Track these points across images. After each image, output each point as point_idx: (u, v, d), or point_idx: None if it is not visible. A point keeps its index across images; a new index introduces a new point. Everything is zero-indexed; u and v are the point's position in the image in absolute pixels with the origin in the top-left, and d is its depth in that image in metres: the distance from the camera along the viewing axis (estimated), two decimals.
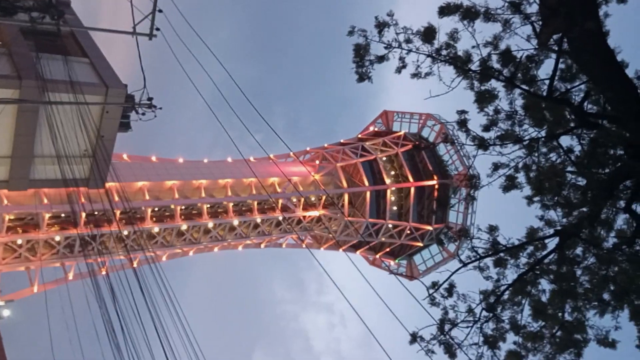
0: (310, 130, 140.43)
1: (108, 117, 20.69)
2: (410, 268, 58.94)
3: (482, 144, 12.29)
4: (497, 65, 11.80)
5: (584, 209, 11.83)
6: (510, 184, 12.29)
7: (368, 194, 52.50)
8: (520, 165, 12.33)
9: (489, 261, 12.04)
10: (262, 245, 52.77)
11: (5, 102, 17.83)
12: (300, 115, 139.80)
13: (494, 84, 12.07)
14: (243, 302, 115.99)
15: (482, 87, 12.01)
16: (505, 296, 11.90)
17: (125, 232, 40.58)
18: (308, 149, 56.01)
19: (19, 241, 37.69)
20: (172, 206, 44.11)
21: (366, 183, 52.52)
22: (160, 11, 19.03)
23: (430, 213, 54.84)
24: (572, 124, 12.15)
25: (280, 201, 49.18)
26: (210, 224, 44.98)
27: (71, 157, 19.36)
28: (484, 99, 11.99)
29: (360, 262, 59.13)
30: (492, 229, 12.13)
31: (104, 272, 40.49)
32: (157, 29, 19.47)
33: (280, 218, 49.73)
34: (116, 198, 38.56)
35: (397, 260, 59.31)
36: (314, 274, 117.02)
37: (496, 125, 12.33)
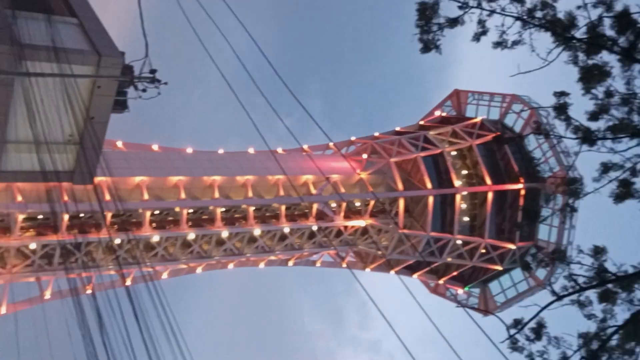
0: (356, 114, 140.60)
1: (100, 94, 21.25)
2: (485, 299, 58.09)
3: (588, 137, 11.97)
4: (610, 33, 11.47)
5: None
6: (624, 192, 11.95)
7: (431, 199, 52.07)
8: (638, 167, 11.97)
9: (592, 294, 11.78)
10: (290, 263, 53.06)
11: None
12: (342, 95, 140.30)
13: (605, 57, 11.74)
14: (264, 333, 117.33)
15: (590, 61, 11.70)
16: (614, 341, 11.62)
17: (118, 241, 41.58)
18: (353, 138, 55.97)
19: None
20: (177, 209, 44.90)
21: (429, 185, 52.10)
22: None
23: (514, 227, 53.88)
24: None
25: (316, 206, 49.35)
26: (225, 233, 45.59)
27: (53, 143, 19.91)
28: (591, 77, 11.66)
29: (417, 288, 58.78)
30: (598, 252, 11.83)
31: (89, 291, 41.43)
32: None
33: (315, 228, 49.91)
34: (107, 197, 39.49)
35: (467, 289, 58.59)
36: (356, 301, 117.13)
37: (607, 113, 12.00)
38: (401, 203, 51.82)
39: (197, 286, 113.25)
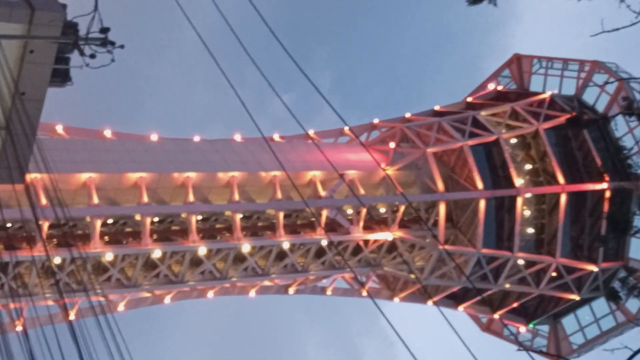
0: (377, 90, 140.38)
1: (33, 61, 21.26)
2: (556, 340, 57.81)
3: None
4: None
5: None
6: None
7: (482, 204, 51.92)
8: None
9: None
10: (291, 290, 53.02)
11: None
12: (358, 65, 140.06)
13: None
14: None
15: None
16: None
17: (58, 260, 41.65)
18: (376, 121, 55.90)
19: None
20: (138, 217, 44.97)
21: (479, 185, 51.94)
22: None
23: (596, 242, 53.64)
24: None
25: (325, 213, 49.32)
26: (203, 250, 45.62)
27: None
28: None
29: (464, 325, 58.61)
30: None
31: (19, 327, 41.21)
32: None
33: (325, 243, 49.89)
34: (43, 200, 39.55)
35: (532, 326, 58.32)
36: (379, 342, 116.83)
37: None
38: (442, 209, 51.66)
39: (165, 321, 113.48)
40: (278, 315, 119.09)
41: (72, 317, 37.54)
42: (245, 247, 46.88)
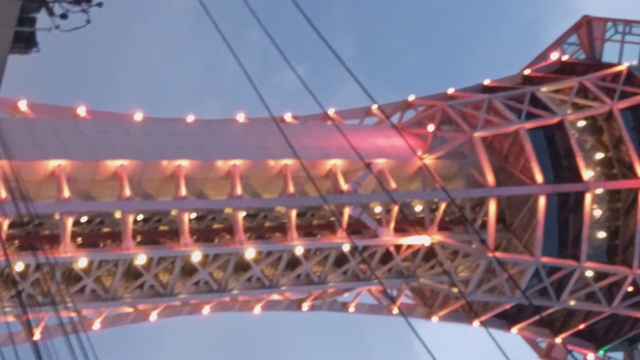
0: (412, 60, 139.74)
1: None
2: None
3: None
4: None
5: None
6: None
7: (542, 202, 51.80)
8: None
9: None
10: (305, 306, 53.05)
11: None
12: (388, 26, 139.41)
13: None
14: None
15: None
16: None
17: (20, 267, 41.90)
18: (411, 98, 55.85)
19: None
20: (118, 214, 45.15)
21: (539, 178, 51.78)
22: None
23: None
24: None
25: (348, 211, 49.34)
26: (197, 256, 45.73)
27: None
28: None
29: (519, 350, 58.48)
30: None
31: None
32: None
33: (347, 248, 49.96)
34: (2, 193, 39.68)
35: (602, 352, 58.18)
36: None
37: None
38: (492, 208, 51.55)
39: (150, 342, 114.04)
40: (286, 337, 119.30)
41: (37, 336, 37.82)
42: (249, 253, 46.91)
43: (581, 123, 54.47)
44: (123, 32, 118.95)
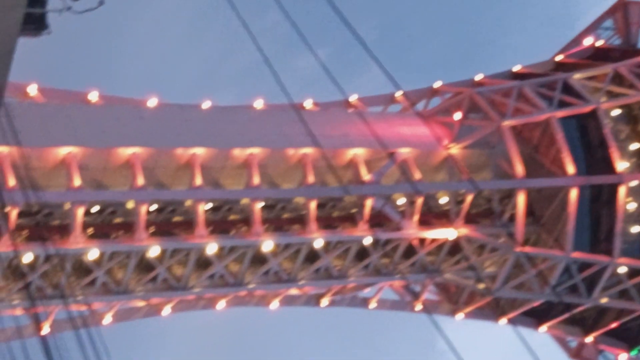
0: (438, 44, 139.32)
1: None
2: None
3: None
4: None
5: None
6: None
7: (574, 194, 51.60)
8: None
9: None
10: (325, 301, 53.08)
11: None
12: (413, 9, 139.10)
13: None
14: None
15: None
16: None
17: (29, 258, 42.00)
18: (437, 84, 55.70)
19: None
20: (131, 204, 45.20)
21: (571, 170, 51.60)
22: None
23: None
24: None
25: (370, 203, 49.25)
26: (212, 248, 45.76)
27: None
28: None
29: (548, 349, 58.34)
30: None
31: None
32: None
33: (369, 242, 49.90)
34: (11, 181, 39.72)
35: (635, 352, 58.00)
36: None
37: None
38: (521, 200, 51.44)
39: (162, 338, 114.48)
40: (302, 335, 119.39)
41: (45, 330, 37.92)
42: (267, 245, 46.93)
43: (616, 112, 54.27)
44: (136, 15, 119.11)
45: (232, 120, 48.65)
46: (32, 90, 45.84)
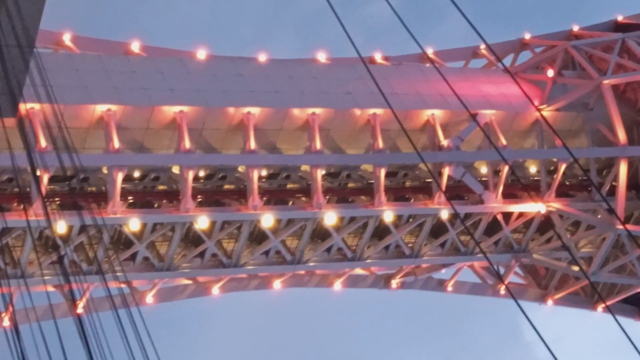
0: None
1: None
2: None
3: None
4: None
5: None
6: None
7: None
8: None
9: None
10: (394, 283, 53.29)
11: None
12: None
13: None
14: None
15: None
16: None
17: (62, 229, 42.61)
18: (527, 36, 55.51)
19: None
20: (176, 169, 45.69)
21: None
22: None
23: None
24: None
25: (448, 171, 49.19)
26: (268, 221, 46.02)
27: None
28: None
29: None
30: None
31: (6, 322, 42.48)
32: None
33: (445, 216, 49.98)
34: (43, 142, 40.28)
35: None
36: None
37: None
38: (622, 171, 51.14)
39: (212, 319, 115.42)
40: (369, 321, 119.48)
41: (80, 309, 38.55)
42: (330, 218, 47.15)
43: None
44: None
45: (291, 76, 48.72)
46: (66, 39, 46.19)
